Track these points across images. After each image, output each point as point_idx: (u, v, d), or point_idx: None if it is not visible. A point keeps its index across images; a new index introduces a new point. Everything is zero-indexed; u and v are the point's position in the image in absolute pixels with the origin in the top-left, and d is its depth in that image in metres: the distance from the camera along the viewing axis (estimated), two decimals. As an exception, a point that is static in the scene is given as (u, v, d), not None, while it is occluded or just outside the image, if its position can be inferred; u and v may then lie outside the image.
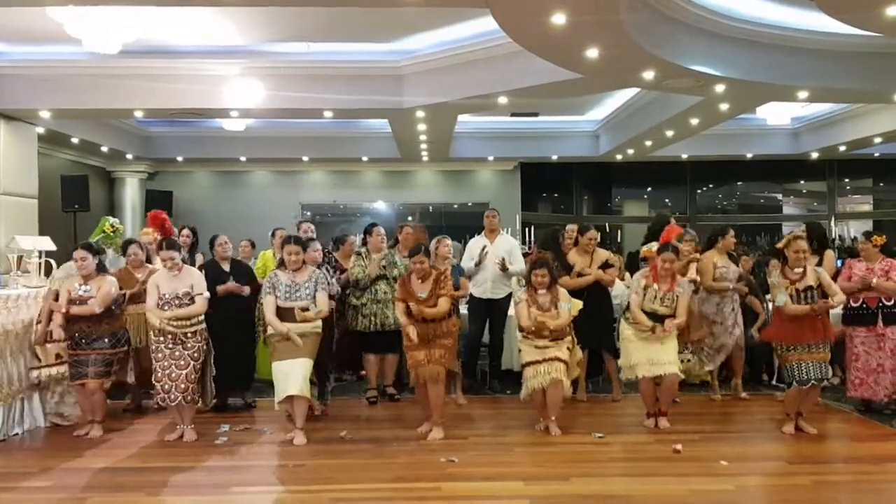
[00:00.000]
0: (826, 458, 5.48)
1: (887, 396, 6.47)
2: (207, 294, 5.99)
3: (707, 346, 7.15)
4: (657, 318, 6.08)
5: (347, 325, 7.16)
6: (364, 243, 7.56)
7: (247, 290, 6.71)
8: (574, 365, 6.16)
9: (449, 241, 7.01)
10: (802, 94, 9.15)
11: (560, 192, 17.13)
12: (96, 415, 6.13)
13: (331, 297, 6.33)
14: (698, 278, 6.98)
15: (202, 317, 5.97)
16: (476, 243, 7.74)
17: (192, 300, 5.88)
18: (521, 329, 6.10)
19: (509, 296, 7.53)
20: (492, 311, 7.50)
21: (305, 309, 5.87)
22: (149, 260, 6.95)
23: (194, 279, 5.97)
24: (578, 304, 6.19)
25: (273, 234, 7.57)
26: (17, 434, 6.15)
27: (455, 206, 15.73)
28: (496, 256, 7.39)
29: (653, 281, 6.15)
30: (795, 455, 5.43)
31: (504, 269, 7.33)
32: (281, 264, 6.11)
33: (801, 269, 5.91)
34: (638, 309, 6.14)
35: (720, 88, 8.68)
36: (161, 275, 6.00)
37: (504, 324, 7.56)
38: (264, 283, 6.10)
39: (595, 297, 6.82)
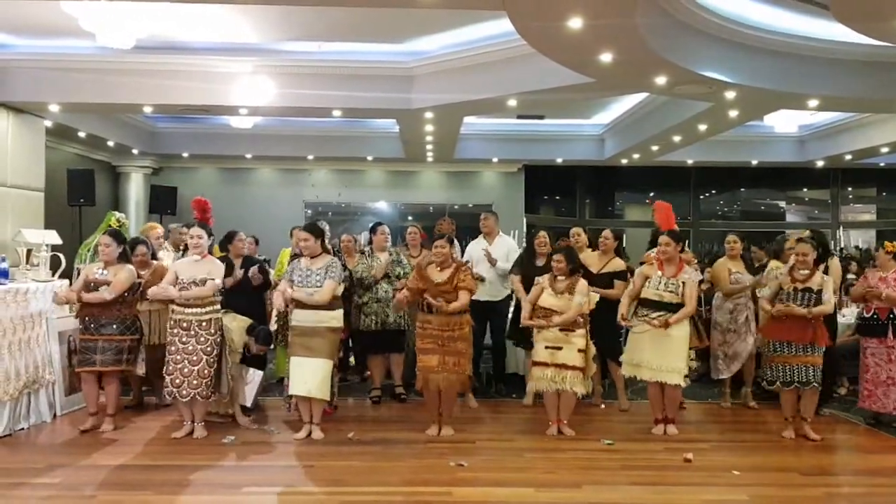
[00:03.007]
0: (838, 469, 5.47)
1: None
2: (219, 282, 5.98)
3: (721, 354, 7.14)
4: (664, 305, 6.07)
5: (351, 325, 7.16)
6: (370, 242, 7.55)
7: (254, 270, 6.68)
8: (590, 360, 6.13)
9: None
10: (813, 103, 9.12)
11: (563, 196, 17.12)
12: (109, 408, 6.10)
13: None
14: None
15: (217, 306, 5.95)
16: (474, 246, 7.72)
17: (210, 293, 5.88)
18: (535, 316, 6.08)
19: (508, 298, 7.53)
20: (491, 314, 7.46)
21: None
22: (154, 256, 6.93)
23: (214, 267, 5.95)
24: (595, 297, 6.22)
25: (291, 233, 7.57)
26: (22, 429, 6.12)
27: (456, 206, 15.70)
28: (484, 252, 7.43)
29: (658, 269, 6.17)
30: (807, 466, 5.40)
31: (492, 262, 7.33)
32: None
33: (807, 271, 6.01)
34: (626, 300, 6.22)
35: (731, 95, 8.66)
36: (183, 261, 6.03)
37: (505, 326, 7.53)
38: (287, 269, 6.12)
39: (599, 303, 6.74)
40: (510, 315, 7.54)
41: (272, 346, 6.90)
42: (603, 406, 7.13)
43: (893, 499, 4.88)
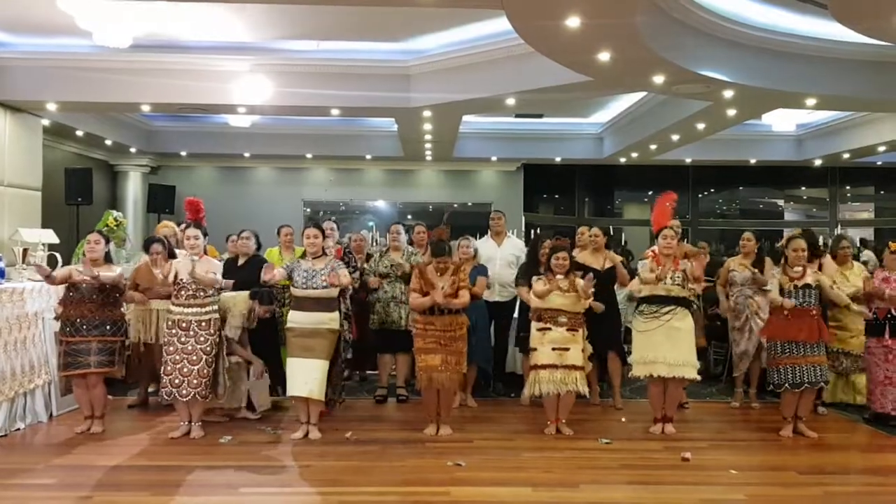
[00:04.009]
0: (835, 468, 5.45)
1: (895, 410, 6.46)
2: (220, 278, 6.00)
3: (733, 353, 7.18)
4: (672, 299, 6.06)
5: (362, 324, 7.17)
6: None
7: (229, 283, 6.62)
8: (585, 360, 6.13)
9: (471, 241, 6.95)
10: (810, 102, 9.12)
11: (562, 194, 17.13)
12: (97, 410, 6.07)
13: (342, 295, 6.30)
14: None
15: (215, 307, 5.94)
16: (483, 246, 7.69)
17: (209, 288, 5.87)
18: (538, 318, 6.07)
19: (514, 299, 7.52)
20: (497, 315, 7.46)
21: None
22: (171, 255, 6.88)
23: (212, 266, 5.95)
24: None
25: (279, 232, 7.54)
26: (18, 429, 6.10)
27: (455, 205, 15.70)
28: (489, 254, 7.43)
29: (658, 265, 6.14)
30: (804, 465, 5.40)
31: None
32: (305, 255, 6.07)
33: (800, 268, 6.04)
34: (647, 275, 6.12)
35: (729, 94, 8.67)
36: (181, 262, 5.99)
37: (509, 327, 7.53)
38: (285, 264, 6.12)
39: (601, 300, 6.66)
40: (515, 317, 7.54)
41: (278, 308, 6.78)
42: (598, 403, 7.13)
43: (890, 497, 4.88)
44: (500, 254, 7.55)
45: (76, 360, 5.90)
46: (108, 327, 5.96)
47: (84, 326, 5.90)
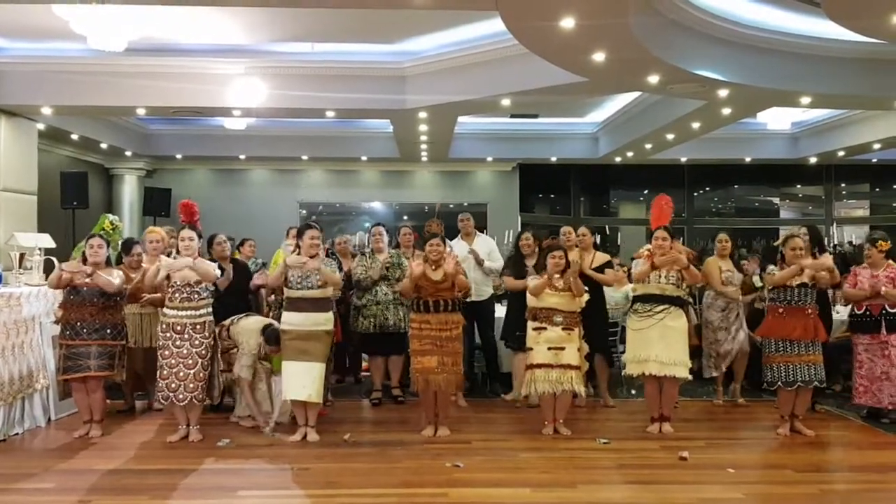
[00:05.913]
0: (832, 466, 5.48)
1: (892, 404, 6.47)
2: (218, 272, 6.02)
3: (713, 353, 7.16)
4: (666, 298, 6.07)
5: (348, 327, 7.16)
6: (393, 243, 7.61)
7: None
8: (583, 359, 6.13)
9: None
10: (805, 100, 9.15)
11: (558, 194, 17.14)
12: (95, 414, 6.07)
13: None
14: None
15: (209, 309, 5.94)
16: (455, 247, 7.69)
17: (203, 289, 5.86)
18: (534, 317, 6.07)
19: (492, 297, 7.55)
20: (477, 314, 7.45)
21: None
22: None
23: (207, 267, 5.95)
24: (586, 296, 6.18)
25: (288, 234, 7.59)
26: (17, 434, 6.10)
27: (451, 206, 15.68)
28: (470, 253, 7.45)
29: (649, 263, 6.15)
30: (801, 463, 5.41)
31: (480, 262, 7.34)
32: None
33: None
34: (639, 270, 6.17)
35: (723, 93, 8.68)
36: (175, 263, 5.98)
37: (492, 325, 7.53)
38: (279, 264, 6.13)
39: (589, 300, 6.54)
40: (502, 316, 7.53)
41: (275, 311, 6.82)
42: (583, 406, 7.10)
43: (887, 495, 4.91)
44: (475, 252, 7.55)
45: (76, 363, 5.89)
46: (108, 331, 5.96)
47: (84, 330, 5.90)
